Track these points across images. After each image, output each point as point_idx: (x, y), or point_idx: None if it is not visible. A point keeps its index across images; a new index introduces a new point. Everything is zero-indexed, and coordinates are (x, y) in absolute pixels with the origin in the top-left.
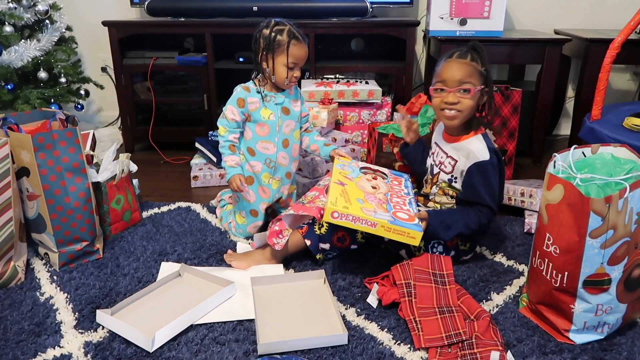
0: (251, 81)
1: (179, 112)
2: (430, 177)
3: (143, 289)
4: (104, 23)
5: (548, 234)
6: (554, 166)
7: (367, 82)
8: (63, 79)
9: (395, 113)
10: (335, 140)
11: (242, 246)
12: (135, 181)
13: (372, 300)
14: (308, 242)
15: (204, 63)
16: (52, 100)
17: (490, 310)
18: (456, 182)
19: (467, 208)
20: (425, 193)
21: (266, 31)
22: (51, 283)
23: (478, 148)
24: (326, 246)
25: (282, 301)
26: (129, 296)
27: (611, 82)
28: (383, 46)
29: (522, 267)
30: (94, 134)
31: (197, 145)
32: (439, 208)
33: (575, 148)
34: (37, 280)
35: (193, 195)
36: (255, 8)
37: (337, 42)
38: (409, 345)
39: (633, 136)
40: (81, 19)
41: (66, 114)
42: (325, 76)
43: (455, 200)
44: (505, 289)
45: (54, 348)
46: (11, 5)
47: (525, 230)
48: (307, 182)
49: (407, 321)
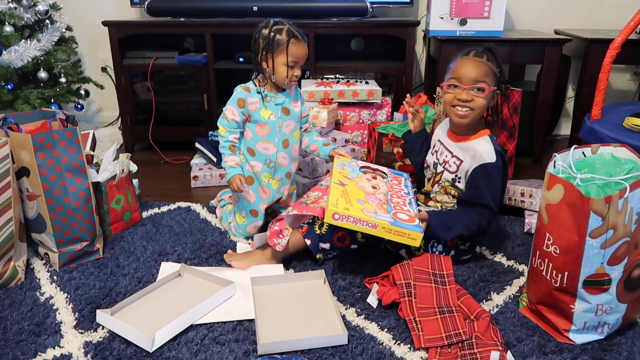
0: (251, 81)
1: (179, 112)
2: (432, 175)
3: (143, 289)
4: (104, 23)
5: (548, 234)
6: (554, 166)
7: (367, 82)
8: (63, 79)
9: (395, 113)
10: (335, 140)
11: (242, 246)
12: (135, 181)
13: (372, 300)
14: (308, 242)
15: (204, 63)
16: (52, 100)
17: (490, 310)
18: (459, 182)
19: (468, 209)
20: (426, 191)
21: (265, 31)
22: (51, 283)
23: (485, 149)
24: (326, 246)
25: (282, 301)
26: (129, 296)
27: (611, 82)
28: (383, 46)
29: (522, 267)
30: (94, 134)
31: (197, 145)
32: (440, 207)
33: (575, 148)
34: (37, 280)
35: (193, 195)
36: (255, 8)
37: (337, 42)
38: (409, 345)
39: (633, 136)
40: (81, 19)
41: (66, 114)
42: (325, 76)
43: (456, 200)
44: (505, 289)
45: (54, 348)
46: (11, 5)
47: (525, 230)
48: (307, 182)
49: (407, 321)
